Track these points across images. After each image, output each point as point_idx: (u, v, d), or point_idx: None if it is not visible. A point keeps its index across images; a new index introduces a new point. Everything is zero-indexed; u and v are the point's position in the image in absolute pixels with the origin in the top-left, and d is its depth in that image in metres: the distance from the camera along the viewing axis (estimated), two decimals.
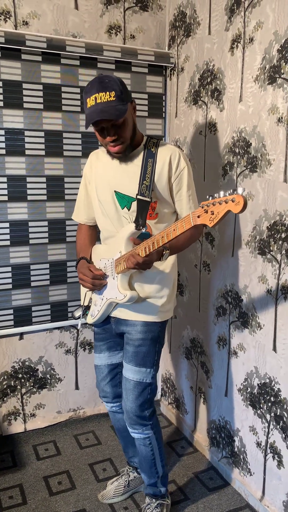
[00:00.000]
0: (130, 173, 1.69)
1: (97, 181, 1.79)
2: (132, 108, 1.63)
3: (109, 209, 1.76)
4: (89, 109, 1.54)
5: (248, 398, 2.03)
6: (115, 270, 1.71)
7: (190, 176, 1.72)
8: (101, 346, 1.94)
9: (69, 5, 2.28)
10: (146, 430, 1.84)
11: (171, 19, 2.48)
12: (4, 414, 2.48)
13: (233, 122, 2.01)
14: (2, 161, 2.22)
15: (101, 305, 1.79)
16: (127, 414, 1.83)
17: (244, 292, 2.01)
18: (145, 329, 1.76)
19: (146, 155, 1.68)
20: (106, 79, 1.55)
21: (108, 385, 1.96)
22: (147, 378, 1.79)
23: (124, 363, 1.82)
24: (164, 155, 1.67)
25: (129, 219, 1.72)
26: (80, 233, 1.98)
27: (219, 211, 1.28)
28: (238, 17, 1.93)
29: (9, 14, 2.17)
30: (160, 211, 1.72)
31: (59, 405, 2.62)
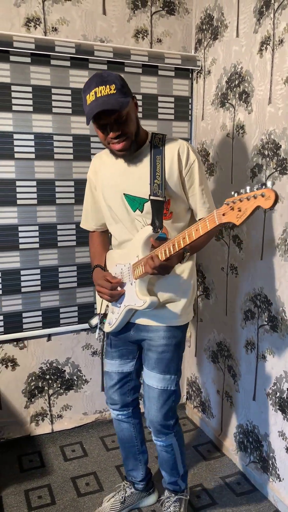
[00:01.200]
0: (139, 173, 1.61)
1: (103, 186, 1.73)
2: (134, 104, 1.56)
3: (120, 213, 1.69)
4: (89, 105, 1.47)
5: (277, 402, 2.01)
6: (132, 275, 1.64)
7: (201, 169, 1.64)
8: (112, 352, 1.89)
9: (97, 11, 2.30)
10: (169, 438, 1.82)
11: (198, 22, 2.48)
12: (32, 414, 2.52)
13: (262, 124, 2.00)
14: (31, 165, 2.25)
15: (119, 313, 1.73)
16: (151, 423, 1.80)
17: (274, 295, 1.99)
18: (168, 334, 1.71)
19: (153, 153, 1.60)
20: (105, 74, 1.50)
21: (117, 393, 1.92)
22: (172, 385, 1.76)
23: (147, 371, 1.77)
24: (172, 150, 1.60)
25: (143, 221, 1.65)
26: (92, 241, 1.94)
27: (247, 207, 1.18)
28: (267, 19, 1.93)
29: (38, 21, 2.20)
30: (174, 210, 1.65)
31: (85, 406, 2.64)
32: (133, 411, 1.98)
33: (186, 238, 1.39)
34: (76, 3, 2.25)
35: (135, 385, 1.94)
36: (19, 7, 2.16)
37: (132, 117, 1.54)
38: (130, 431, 1.99)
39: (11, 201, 2.24)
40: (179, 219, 1.69)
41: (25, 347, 2.43)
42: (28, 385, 2.48)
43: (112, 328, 1.78)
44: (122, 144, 1.54)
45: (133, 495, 2.05)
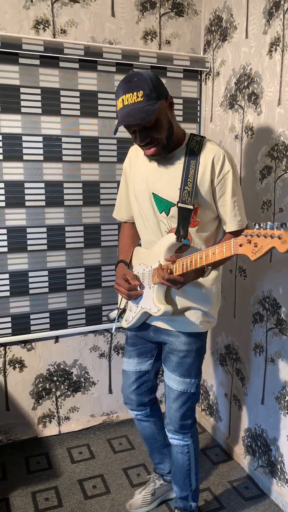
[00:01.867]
0: (170, 175, 1.58)
1: (135, 180, 1.70)
2: (167, 105, 1.50)
3: (147, 211, 1.67)
4: (118, 113, 1.46)
5: (286, 406, 1.99)
6: (152, 279, 1.64)
7: (235, 180, 1.57)
8: (131, 351, 1.90)
9: (106, 13, 2.30)
10: (186, 437, 1.82)
11: (207, 24, 2.47)
12: (39, 416, 2.52)
13: (272, 125, 1.98)
14: (40, 167, 2.26)
15: (135, 312, 1.74)
16: (170, 421, 1.81)
17: (283, 298, 1.97)
18: (189, 340, 1.70)
19: (188, 156, 1.55)
20: (134, 77, 1.43)
21: (134, 392, 1.92)
22: (192, 388, 1.75)
23: (167, 372, 1.77)
24: (207, 157, 1.54)
25: (167, 224, 1.63)
26: (122, 232, 1.91)
27: (263, 245, 1.19)
28: (277, 20, 1.91)
29: (48, 23, 2.21)
30: (201, 218, 1.61)
31: (93, 408, 2.64)
32: (152, 410, 1.98)
33: (203, 259, 1.40)
34: (85, 5, 2.26)
35: (152, 386, 1.94)
36: (28, 9, 2.16)
37: (163, 121, 1.48)
38: (152, 429, 2.01)
39: (19, 203, 2.25)
40: (204, 228, 1.64)
41: (33, 348, 2.43)
42: (35, 387, 2.48)
43: (129, 325, 1.79)
44: (152, 150, 1.52)
45: (162, 486, 2.09)
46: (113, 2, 2.31)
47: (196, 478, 1.89)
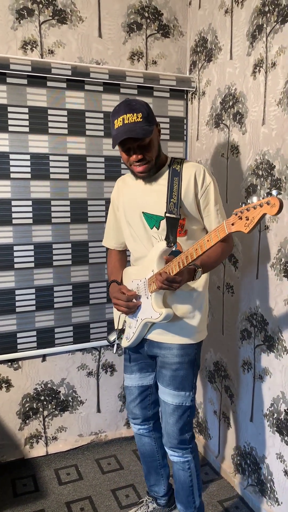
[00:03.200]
0: (156, 192, 1.71)
1: (125, 205, 1.82)
2: (157, 131, 1.69)
3: (138, 230, 1.77)
4: (116, 130, 1.60)
5: (275, 424, 1.98)
6: (148, 289, 1.69)
7: (216, 191, 1.72)
8: (132, 367, 1.93)
9: (93, 34, 2.34)
10: (186, 453, 1.82)
11: (192, 45, 2.52)
12: (26, 437, 2.47)
13: (256, 144, 2.02)
14: (27, 185, 2.26)
15: (136, 327, 1.77)
16: (168, 437, 1.82)
17: (270, 315, 1.98)
18: (181, 352, 1.74)
19: (171, 174, 1.69)
20: (133, 102, 1.62)
21: (138, 407, 1.95)
22: (187, 402, 1.77)
23: (161, 387, 1.80)
24: (189, 172, 1.69)
25: (159, 238, 1.72)
26: (110, 258, 2.01)
27: (254, 215, 1.26)
28: (260, 42, 1.96)
29: (35, 44, 2.24)
30: (189, 228, 1.72)
31: (81, 428, 2.60)
32: (154, 425, 2.00)
33: (199, 249, 1.45)
34: (72, 26, 2.29)
35: (156, 399, 1.96)
36: (16, 30, 2.19)
37: (155, 143, 1.65)
38: (152, 446, 2.01)
39: (6, 220, 2.24)
40: (193, 237, 1.74)
41: (20, 367, 2.40)
42: (22, 407, 2.44)
43: (130, 343, 1.82)
44: (143, 167, 1.66)
45: (155, 510, 2.07)
46: (100, 23, 2.35)
47: (199, 494, 1.89)
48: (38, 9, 2.22)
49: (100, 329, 2.50)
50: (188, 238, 1.73)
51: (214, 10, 2.29)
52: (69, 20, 2.28)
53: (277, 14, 1.84)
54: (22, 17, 2.19)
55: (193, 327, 1.74)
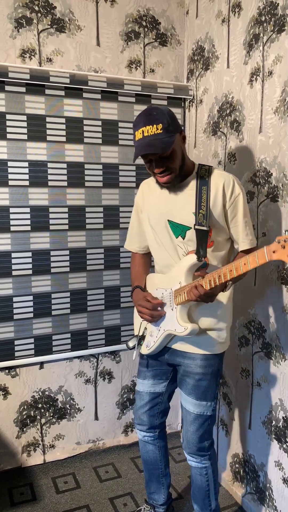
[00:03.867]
0: (183, 201, 1.67)
1: (149, 211, 1.80)
2: (181, 138, 1.63)
3: (163, 238, 1.74)
4: (137, 142, 1.56)
5: (273, 431, 1.98)
6: (174, 301, 1.68)
7: (245, 202, 1.67)
8: (145, 372, 1.92)
9: (91, 42, 2.36)
10: (204, 460, 1.83)
11: (190, 53, 2.54)
12: (23, 445, 2.46)
13: (253, 152, 2.03)
14: (25, 192, 2.27)
15: (157, 336, 1.76)
16: (187, 443, 1.82)
17: (268, 322, 1.98)
18: (205, 363, 1.73)
19: (199, 183, 1.65)
20: (154, 111, 1.56)
21: (146, 414, 1.93)
22: (208, 411, 1.77)
23: (184, 394, 1.79)
24: (218, 182, 1.64)
25: (184, 248, 1.70)
26: (133, 262, 1.98)
27: None
28: (257, 51, 1.98)
29: (34, 52, 2.25)
30: (215, 239, 1.68)
31: (79, 436, 2.59)
32: (160, 434, 1.99)
33: (233, 271, 1.42)
34: (71, 35, 2.31)
35: (165, 408, 1.96)
36: (15, 39, 2.20)
37: (177, 152, 1.59)
38: (155, 454, 2.00)
39: (4, 227, 2.24)
40: (219, 248, 1.71)
41: (17, 375, 2.39)
42: (20, 414, 2.43)
43: (150, 351, 1.81)
44: (166, 178, 1.62)
45: None
46: (98, 32, 2.37)
47: (216, 498, 1.90)
48: (36, 18, 2.23)
49: (97, 336, 2.50)
50: (215, 249, 1.69)
51: (211, 19, 2.31)
52: (68, 28, 2.30)
53: (274, 24, 1.86)
54: (21, 26, 2.21)
55: (217, 338, 1.73)
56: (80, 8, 2.31)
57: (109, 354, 2.58)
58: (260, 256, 1.33)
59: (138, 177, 2.49)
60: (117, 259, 2.50)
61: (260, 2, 1.93)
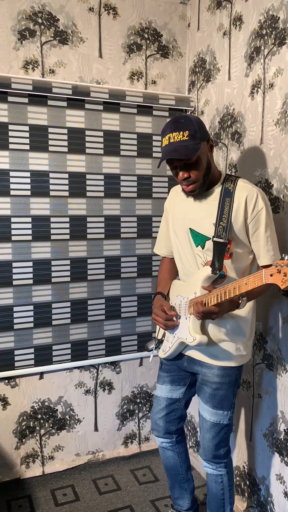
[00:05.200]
0: (206, 211, 1.67)
1: (174, 216, 1.83)
2: (208, 147, 1.63)
3: (184, 245, 1.77)
4: (163, 148, 1.59)
5: (274, 444, 1.96)
6: (188, 310, 1.70)
7: (269, 216, 1.64)
8: (164, 377, 1.93)
9: (94, 54, 2.38)
10: (220, 467, 1.83)
11: (191, 65, 2.56)
12: (22, 456, 2.44)
13: (254, 164, 2.03)
14: (27, 202, 2.27)
15: (172, 342, 1.79)
16: (203, 450, 1.83)
17: (269, 333, 1.97)
18: (222, 373, 1.74)
19: (223, 194, 1.64)
20: (182, 119, 1.58)
21: (162, 419, 1.93)
22: (224, 420, 1.78)
23: (201, 402, 1.81)
24: (241, 195, 1.62)
25: (203, 257, 1.71)
26: (162, 266, 2.02)
27: None
28: (258, 64, 1.99)
29: (36, 64, 2.27)
30: (235, 251, 1.67)
31: (78, 447, 2.56)
32: (177, 439, 1.99)
33: (237, 289, 1.45)
34: (73, 47, 2.33)
35: (182, 415, 1.96)
36: (18, 50, 2.23)
37: (203, 161, 1.60)
38: (175, 459, 2.00)
39: (5, 237, 2.25)
40: (239, 260, 1.70)
41: (17, 385, 2.38)
42: (19, 425, 2.41)
43: (166, 355, 1.84)
44: (191, 187, 1.63)
45: None
46: (100, 44, 2.39)
47: (231, 508, 1.89)
48: (40, 30, 2.26)
49: (98, 346, 2.49)
50: (233, 262, 1.68)
51: (213, 32, 2.33)
52: (70, 40, 2.32)
53: (274, 37, 1.87)
54: (24, 37, 2.23)
55: (235, 351, 1.72)
56: (83, 21, 2.34)
57: (109, 364, 2.57)
58: (258, 278, 1.37)
59: (139, 187, 2.49)
60: (118, 269, 2.50)
61: (261, 16, 1.95)
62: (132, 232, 2.51)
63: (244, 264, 1.72)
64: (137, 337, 2.56)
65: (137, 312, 2.55)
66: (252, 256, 1.73)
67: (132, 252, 2.52)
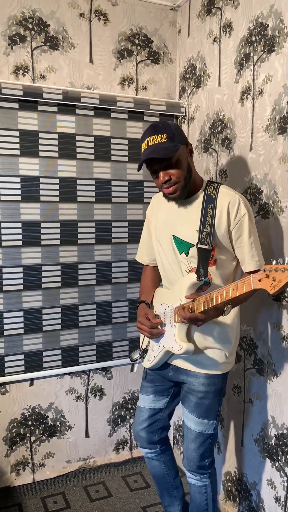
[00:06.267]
0: (189, 218, 1.66)
1: (157, 224, 1.81)
2: (187, 151, 1.64)
3: (168, 252, 1.75)
4: (142, 153, 1.59)
5: (265, 449, 1.96)
6: (173, 318, 1.68)
7: (251, 222, 1.64)
8: (148, 387, 1.91)
9: (84, 60, 2.38)
10: (204, 478, 1.81)
11: (182, 71, 2.57)
12: (12, 463, 2.41)
13: (244, 169, 2.04)
14: (17, 207, 2.26)
15: (157, 352, 1.76)
16: (187, 461, 1.81)
17: (259, 338, 1.98)
18: (208, 381, 1.72)
19: (206, 200, 1.64)
20: (160, 124, 1.61)
21: (144, 430, 1.91)
22: (210, 430, 1.76)
23: (186, 412, 1.79)
24: (223, 201, 1.63)
25: (187, 264, 1.69)
26: (144, 274, 1.99)
27: (281, 279, 1.25)
28: (247, 70, 2.01)
29: (27, 69, 2.27)
30: (219, 258, 1.67)
31: (69, 454, 2.55)
32: (162, 449, 1.97)
33: (224, 295, 1.45)
34: (64, 52, 2.33)
35: (164, 425, 1.94)
36: (8, 55, 2.22)
37: (183, 163, 1.61)
38: (162, 468, 1.98)
39: None
40: (223, 267, 1.69)
41: (7, 392, 2.36)
42: (9, 432, 2.39)
43: (151, 365, 1.82)
44: (172, 188, 1.62)
45: None
46: (91, 49, 2.39)
47: None
48: (30, 36, 2.26)
49: (89, 353, 2.47)
50: (218, 268, 1.68)
51: (203, 39, 2.35)
52: (61, 46, 2.32)
53: (264, 44, 1.89)
54: (15, 43, 2.23)
55: (221, 358, 1.71)
56: (74, 26, 2.34)
57: (101, 370, 2.56)
58: (246, 283, 1.37)
59: (130, 192, 2.50)
60: (109, 274, 2.49)
61: (250, 23, 1.97)
62: (123, 237, 2.51)
63: (228, 271, 1.71)
64: (128, 342, 2.56)
65: (128, 318, 2.54)
66: (235, 263, 1.73)
67: (123, 257, 2.51)
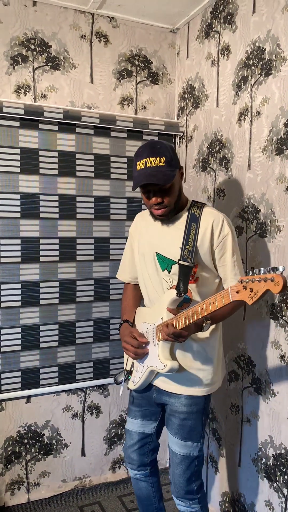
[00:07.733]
0: (172, 236, 1.68)
1: (140, 241, 1.82)
2: (179, 174, 1.68)
3: (150, 270, 1.76)
4: (138, 172, 1.60)
5: (263, 469, 1.95)
6: (156, 336, 1.67)
7: (234, 242, 1.67)
8: (135, 412, 1.89)
9: (85, 80, 2.42)
10: (193, 504, 1.77)
11: (180, 92, 2.62)
12: (7, 483, 2.38)
13: (242, 189, 2.07)
14: (17, 224, 2.28)
15: (142, 372, 1.74)
16: (175, 487, 1.77)
17: (257, 357, 1.98)
18: (189, 401, 1.70)
19: (189, 219, 1.67)
20: (157, 145, 1.61)
21: (135, 452, 1.90)
22: (194, 452, 1.73)
23: (170, 434, 1.76)
24: (207, 220, 1.65)
25: (169, 281, 1.70)
26: (125, 293, 1.98)
27: (258, 289, 1.26)
28: (245, 92, 2.05)
29: (29, 88, 2.30)
30: (200, 275, 1.68)
31: (65, 473, 2.51)
32: (151, 471, 1.95)
33: (204, 310, 1.45)
34: (65, 72, 2.37)
35: (155, 446, 1.93)
36: (10, 75, 2.26)
37: (175, 187, 1.64)
38: (148, 490, 1.96)
39: None
40: (204, 285, 1.70)
41: (3, 409, 2.34)
42: (4, 451, 2.36)
43: (136, 387, 1.79)
44: (161, 211, 1.66)
45: None
46: (92, 70, 2.44)
47: None
48: (32, 56, 2.30)
49: (86, 370, 2.46)
50: (199, 286, 1.68)
51: (202, 61, 2.40)
52: (62, 66, 2.37)
53: (261, 67, 1.94)
54: (17, 63, 2.27)
55: (202, 379, 1.70)
56: (75, 47, 2.39)
57: (97, 388, 2.55)
58: (225, 296, 1.38)
59: (129, 209, 2.52)
60: (107, 290, 2.49)
61: (248, 47, 2.02)
62: (121, 254, 2.51)
63: (210, 289, 1.71)
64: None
65: None
66: (218, 281, 1.73)
67: None
